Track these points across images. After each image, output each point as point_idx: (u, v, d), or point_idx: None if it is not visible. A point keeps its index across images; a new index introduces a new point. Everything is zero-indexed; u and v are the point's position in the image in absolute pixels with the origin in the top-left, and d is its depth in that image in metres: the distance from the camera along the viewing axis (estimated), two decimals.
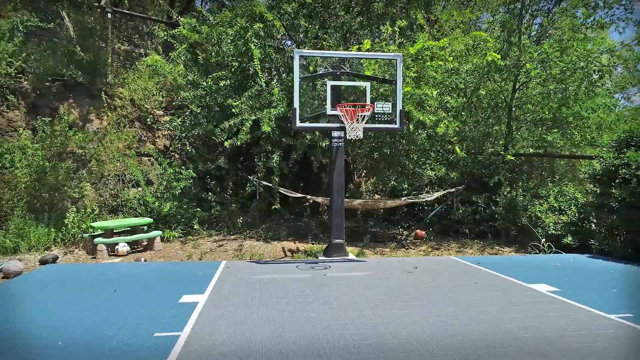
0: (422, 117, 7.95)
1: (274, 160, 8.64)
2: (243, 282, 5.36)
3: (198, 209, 9.26)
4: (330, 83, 7.06)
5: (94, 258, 7.15)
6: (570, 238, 7.82)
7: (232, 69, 8.99)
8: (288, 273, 5.91)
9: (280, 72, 9.36)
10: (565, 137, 9.49)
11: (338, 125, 6.99)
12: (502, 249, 8.53)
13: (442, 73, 8.66)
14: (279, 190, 8.46)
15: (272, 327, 3.68)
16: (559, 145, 10.00)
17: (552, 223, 8.19)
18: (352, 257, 7.16)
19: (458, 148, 8.79)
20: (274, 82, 8.97)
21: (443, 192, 8.96)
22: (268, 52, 8.86)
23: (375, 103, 7.22)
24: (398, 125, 7.10)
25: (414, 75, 8.33)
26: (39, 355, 3.13)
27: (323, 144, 8.59)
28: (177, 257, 7.43)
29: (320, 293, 4.81)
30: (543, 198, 8.92)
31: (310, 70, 9.08)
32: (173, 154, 10.58)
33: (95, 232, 7.56)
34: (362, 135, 6.85)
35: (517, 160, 10.09)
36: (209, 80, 8.88)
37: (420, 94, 8.15)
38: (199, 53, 9.99)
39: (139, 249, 7.87)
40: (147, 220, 8.03)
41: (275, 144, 8.87)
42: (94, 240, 7.22)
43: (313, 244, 8.43)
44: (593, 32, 9.27)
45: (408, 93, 8.03)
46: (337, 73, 7.25)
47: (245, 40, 8.61)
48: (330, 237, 7.13)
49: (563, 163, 10.91)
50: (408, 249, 8.37)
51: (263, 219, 9.99)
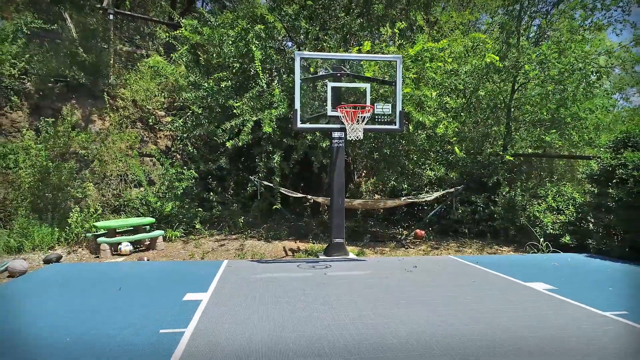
0: (421, 118, 8.01)
1: (275, 161, 8.71)
2: (245, 281, 5.44)
3: (200, 209, 9.35)
4: (331, 84, 7.13)
5: (97, 257, 7.23)
6: (568, 237, 7.89)
7: (233, 70, 9.06)
8: (289, 272, 5.98)
9: (281, 73, 9.43)
10: (564, 137, 9.57)
11: (338, 126, 7.07)
12: (500, 249, 8.61)
13: (441, 74, 8.73)
14: (280, 190, 8.54)
15: (273, 326, 3.73)
16: (557, 146, 10.07)
17: (550, 223, 8.27)
18: (352, 256, 7.24)
19: (457, 148, 8.87)
20: (275, 83, 9.05)
21: (442, 192, 9.04)
22: (269, 53, 8.93)
23: (375, 104, 7.29)
24: (398, 126, 7.17)
25: (414, 77, 8.40)
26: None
27: (323, 145, 8.66)
28: (179, 256, 7.51)
29: (321, 292, 4.88)
30: (541, 198, 9.00)
31: (311, 72, 9.15)
32: (175, 155, 10.66)
33: (98, 231, 7.64)
34: (362, 136, 6.92)
35: (515, 161, 10.17)
36: (211, 81, 8.96)
37: (420, 95, 8.22)
38: (201, 54, 10.08)
39: (142, 249, 7.95)
40: (149, 220, 8.11)
41: (276, 145, 8.94)
42: (97, 240, 7.30)
43: (314, 244, 8.50)
44: (591, 33, 9.35)
45: (408, 94, 8.09)
46: (337, 74, 7.32)
47: (247, 42, 8.68)
48: (331, 236, 7.21)
49: (562, 163, 10.99)
50: (408, 249, 8.45)
51: (264, 219, 10.06)
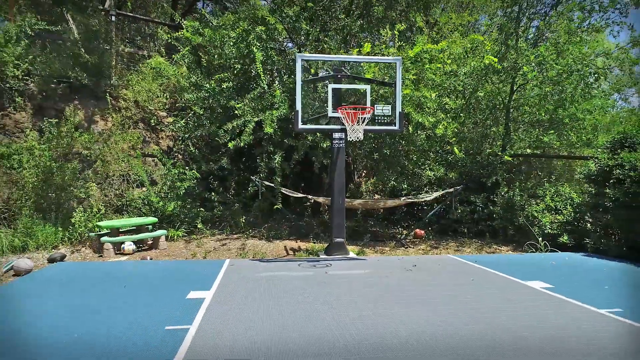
0: (421, 118, 8.09)
1: (276, 161, 8.79)
2: (247, 279, 5.52)
3: (201, 209, 9.44)
4: (332, 86, 7.22)
5: (101, 256, 7.32)
6: (566, 237, 7.98)
7: (234, 71, 9.15)
8: (290, 271, 6.07)
9: (282, 74, 9.50)
10: (562, 138, 9.66)
11: (339, 127, 7.15)
12: (499, 248, 8.70)
13: (440, 75, 8.82)
14: (281, 190, 8.62)
15: (273, 325, 3.76)
16: (556, 146, 10.16)
17: (548, 222, 8.36)
18: (352, 255, 7.32)
19: (457, 149, 8.95)
20: (276, 84, 9.13)
21: (442, 192, 9.13)
22: (270, 54, 9.01)
23: (375, 105, 7.38)
24: (397, 127, 7.26)
25: (413, 78, 8.48)
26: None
27: (324, 145, 8.74)
28: (181, 255, 7.59)
29: (322, 291, 4.94)
30: (540, 198, 9.09)
31: (312, 73, 9.24)
32: (176, 155, 10.74)
33: (102, 231, 7.73)
34: (362, 137, 7.00)
35: (514, 161, 10.26)
36: (212, 82, 9.04)
37: (419, 96, 8.30)
38: (202, 55, 10.17)
39: (144, 248, 8.04)
40: (152, 220, 8.20)
41: (277, 145, 9.02)
42: (101, 239, 7.39)
43: (314, 243, 8.59)
44: (589, 35, 9.44)
45: (407, 95, 8.18)
46: (338, 76, 7.40)
47: (248, 43, 8.76)
48: (332, 236, 7.29)
49: (560, 163, 11.08)
50: (407, 248, 8.54)
51: (265, 219, 10.14)
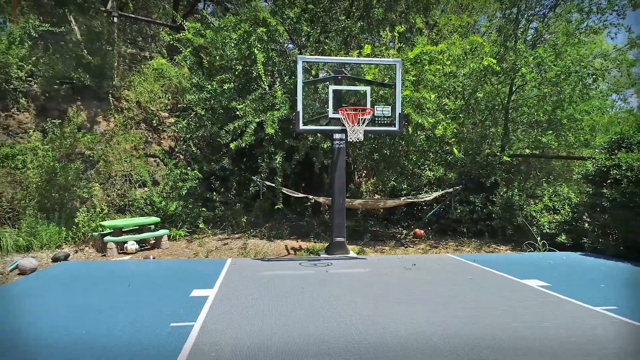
0: (420, 119, 8.17)
1: (277, 161, 8.88)
2: (249, 278, 5.61)
3: (203, 209, 9.53)
4: (332, 87, 7.30)
5: (104, 256, 7.40)
6: (564, 237, 8.07)
7: (236, 72, 9.23)
8: (292, 270, 6.15)
9: (283, 75, 9.59)
10: (560, 138, 9.74)
11: (339, 128, 7.23)
12: (498, 248, 8.78)
13: (440, 76, 8.89)
14: (282, 191, 8.69)
15: (274, 324, 3.79)
16: (554, 147, 10.24)
17: (546, 222, 8.44)
18: (353, 254, 7.40)
19: (456, 149, 9.03)
20: (277, 85, 9.21)
21: (441, 192, 9.21)
22: (271, 55, 9.09)
23: (376, 106, 7.46)
24: (397, 128, 7.34)
25: (413, 79, 8.57)
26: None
27: (324, 146, 8.83)
28: (183, 254, 7.68)
29: (322, 290, 5.01)
30: (538, 198, 9.17)
31: (313, 74, 9.32)
32: (178, 155, 10.83)
33: (105, 230, 7.81)
34: (362, 138, 7.08)
35: (513, 161, 10.33)
36: (214, 83, 9.12)
37: (419, 97, 8.38)
38: (204, 56, 10.26)
39: (147, 247, 8.12)
40: (154, 220, 8.29)
41: (278, 145, 9.11)
42: (104, 239, 7.47)
43: (315, 242, 8.68)
44: (587, 37, 9.52)
45: (407, 96, 8.26)
46: (338, 77, 7.47)
47: (249, 44, 8.85)
48: (332, 235, 7.37)
49: (558, 164, 11.16)
50: (407, 248, 8.62)
51: (266, 218, 10.23)
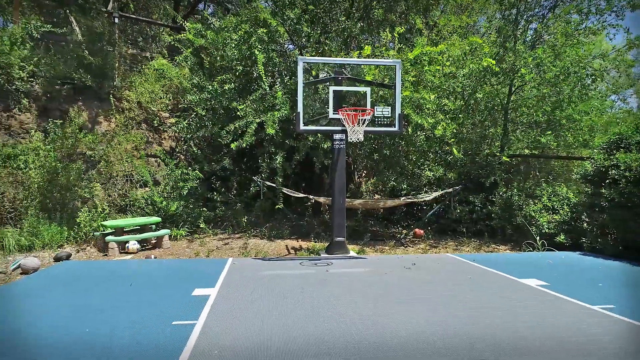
0: (420, 120, 8.21)
1: (277, 161, 8.91)
2: (249, 277, 5.65)
3: (204, 209, 9.58)
4: (332, 88, 7.33)
5: (106, 255, 7.45)
6: (563, 236, 8.11)
7: (236, 73, 9.27)
8: (292, 269, 6.20)
9: (283, 75, 9.63)
10: (559, 139, 9.79)
11: (340, 128, 7.27)
12: (497, 247, 8.82)
13: (439, 77, 8.94)
14: (282, 191, 8.74)
15: (274, 324, 3.80)
16: (553, 147, 10.29)
17: (545, 222, 8.49)
18: (353, 254, 7.44)
19: (455, 149, 9.07)
20: (277, 85, 9.25)
21: (441, 192, 9.25)
22: (271, 56, 9.13)
23: (375, 107, 7.50)
24: (397, 129, 7.37)
25: (413, 80, 8.61)
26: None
27: (325, 146, 8.87)
28: (184, 254, 7.72)
29: (322, 290, 5.04)
30: (537, 198, 9.21)
31: (313, 75, 9.37)
32: (179, 155, 10.87)
33: (106, 230, 7.86)
34: (362, 138, 7.12)
35: (512, 162, 10.37)
36: (214, 84, 9.16)
37: (419, 98, 8.42)
38: (204, 57, 10.29)
39: (148, 247, 8.17)
40: (155, 219, 8.33)
41: (279, 146, 9.15)
42: (106, 239, 7.52)
43: (315, 242, 8.72)
44: (585, 37, 9.57)
45: (407, 97, 8.30)
46: (338, 78, 7.51)
47: (250, 45, 8.89)
48: (332, 235, 7.40)
49: (558, 164, 11.20)
50: (407, 247, 8.66)
51: (267, 218, 10.27)
